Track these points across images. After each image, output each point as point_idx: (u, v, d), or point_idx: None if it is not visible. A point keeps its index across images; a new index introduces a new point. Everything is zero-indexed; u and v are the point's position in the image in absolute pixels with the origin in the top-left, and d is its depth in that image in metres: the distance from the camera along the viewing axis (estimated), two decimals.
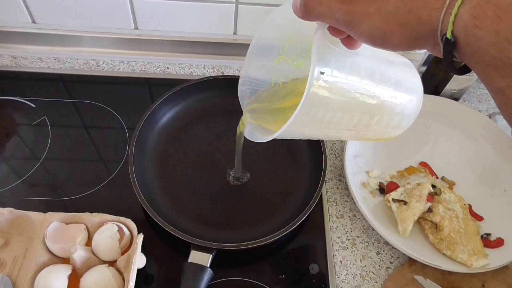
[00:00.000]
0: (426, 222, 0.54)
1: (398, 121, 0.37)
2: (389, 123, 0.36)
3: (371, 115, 0.34)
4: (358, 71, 0.32)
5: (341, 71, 0.30)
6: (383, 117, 0.35)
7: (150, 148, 0.60)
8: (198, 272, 0.46)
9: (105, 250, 0.47)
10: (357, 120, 0.34)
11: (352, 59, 0.31)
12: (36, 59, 0.72)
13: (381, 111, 0.34)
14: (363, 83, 0.32)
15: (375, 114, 0.34)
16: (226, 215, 0.55)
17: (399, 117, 0.36)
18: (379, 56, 0.34)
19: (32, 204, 0.55)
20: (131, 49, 0.74)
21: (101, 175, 0.58)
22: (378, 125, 0.36)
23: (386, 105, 0.34)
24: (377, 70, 0.33)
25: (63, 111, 0.65)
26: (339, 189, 0.60)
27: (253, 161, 0.60)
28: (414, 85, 0.36)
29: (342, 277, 0.52)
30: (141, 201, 0.50)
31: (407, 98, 0.36)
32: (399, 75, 0.35)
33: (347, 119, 0.33)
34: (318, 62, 0.28)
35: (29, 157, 0.60)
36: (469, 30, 0.24)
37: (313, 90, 0.29)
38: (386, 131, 0.37)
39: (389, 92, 0.34)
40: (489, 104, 0.74)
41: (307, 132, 0.34)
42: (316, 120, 0.32)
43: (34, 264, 0.46)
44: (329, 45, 0.30)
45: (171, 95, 0.62)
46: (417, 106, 0.37)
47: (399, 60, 0.36)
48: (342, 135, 0.37)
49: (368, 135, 0.38)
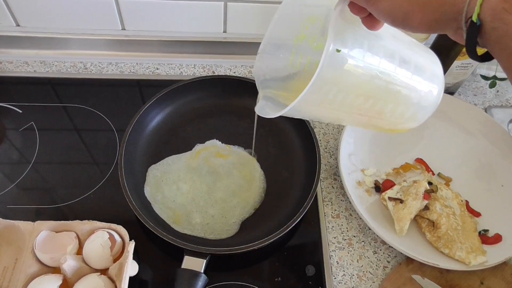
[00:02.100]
0: (423, 220, 0.53)
1: (413, 112, 0.35)
2: (404, 113, 0.34)
3: (385, 102, 0.33)
4: (377, 53, 0.30)
5: (358, 51, 0.29)
6: (398, 106, 0.33)
7: (141, 152, 0.59)
8: (192, 278, 0.45)
9: (96, 258, 0.46)
10: (370, 105, 0.32)
11: (371, 40, 0.30)
12: (21, 63, 0.70)
13: (396, 98, 0.33)
14: (381, 67, 0.30)
15: (389, 102, 0.33)
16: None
17: (415, 108, 0.34)
18: (401, 41, 0.33)
19: (21, 212, 0.54)
20: (119, 51, 0.72)
21: (91, 181, 0.57)
22: (391, 114, 0.34)
23: (403, 93, 0.33)
24: (397, 54, 0.31)
25: (50, 116, 0.64)
26: (334, 188, 0.59)
27: None
28: (435, 76, 0.34)
29: (339, 278, 0.51)
30: (132, 207, 0.49)
31: (426, 89, 0.34)
32: (420, 62, 0.33)
33: (359, 103, 0.32)
34: (335, 39, 0.27)
35: (17, 165, 0.58)
36: (497, 14, 0.23)
37: (327, 67, 0.27)
38: (400, 121, 0.36)
39: (407, 80, 0.32)
40: (485, 98, 0.73)
41: (316, 112, 0.33)
42: (328, 99, 0.30)
43: (24, 275, 0.45)
44: (348, 24, 0.29)
45: (161, 97, 0.60)
46: (436, 99, 0.35)
47: (421, 46, 0.35)
48: (353, 120, 0.35)
49: (380, 124, 0.36)
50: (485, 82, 0.73)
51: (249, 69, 0.74)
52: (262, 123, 0.63)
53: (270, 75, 0.41)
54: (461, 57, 0.62)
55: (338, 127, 0.66)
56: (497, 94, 0.74)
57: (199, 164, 0.58)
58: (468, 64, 0.64)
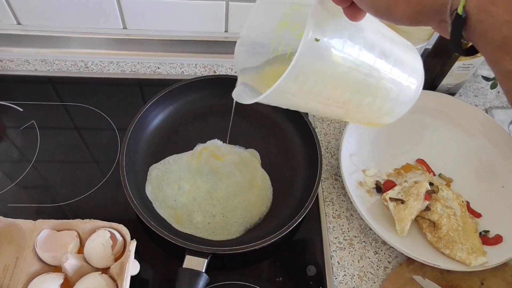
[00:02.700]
0: (424, 221, 0.53)
1: (391, 107, 0.35)
2: (381, 107, 0.34)
3: (363, 95, 0.32)
4: (357, 44, 0.30)
5: (338, 41, 0.28)
6: (375, 99, 0.33)
7: (142, 151, 0.59)
8: (193, 278, 0.45)
9: (97, 258, 0.46)
10: (348, 98, 0.32)
11: (352, 32, 0.29)
12: (22, 62, 0.70)
13: (374, 92, 0.32)
14: (360, 58, 0.30)
15: (367, 95, 0.32)
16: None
17: (392, 103, 0.34)
18: (383, 34, 0.32)
19: (22, 211, 0.54)
20: (120, 50, 0.72)
21: (93, 180, 0.57)
22: (369, 108, 0.34)
23: (381, 87, 0.32)
24: (377, 47, 0.31)
25: (51, 115, 0.64)
26: (335, 189, 0.59)
27: None
28: (415, 71, 0.34)
29: (340, 278, 0.51)
30: (134, 206, 0.49)
31: (405, 84, 0.34)
32: (401, 56, 0.33)
33: (337, 95, 0.31)
34: (314, 27, 0.27)
35: (18, 163, 0.58)
36: (483, 6, 0.22)
37: (304, 55, 0.27)
38: (377, 116, 0.35)
39: (386, 73, 0.32)
40: (486, 99, 0.73)
41: (293, 101, 0.32)
42: (304, 89, 0.30)
43: (25, 273, 0.45)
44: (329, 13, 0.28)
45: (162, 96, 0.60)
46: (415, 94, 0.35)
47: (403, 42, 0.34)
48: (331, 112, 0.35)
49: (357, 117, 0.36)
50: (486, 83, 0.73)
51: None
52: (262, 123, 0.63)
53: (250, 62, 0.41)
54: (462, 58, 0.63)
55: (340, 127, 0.66)
56: (498, 95, 0.74)
57: (200, 164, 0.58)
58: (470, 65, 0.64)
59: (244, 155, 0.60)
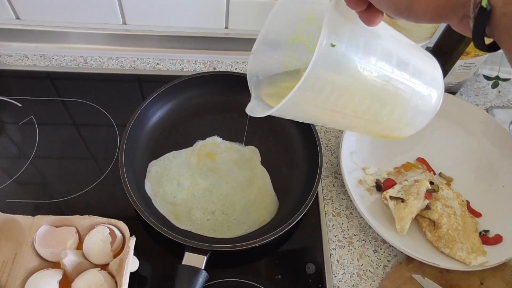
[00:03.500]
0: (424, 220, 0.53)
1: (411, 117, 0.34)
2: (401, 117, 0.33)
3: (382, 104, 0.31)
4: (374, 51, 0.29)
5: (354, 48, 0.28)
6: (395, 108, 0.32)
7: (141, 147, 0.58)
8: (193, 275, 0.45)
9: (96, 254, 0.46)
10: (366, 107, 0.31)
11: (368, 38, 0.29)
12: (21, 57, 0.70)
13: (394, 101, 0.31)
14: (378, 66, 0.29)
15: (386, 103, 0.31)
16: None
17: (413, 112, 0.33)
18: (400, 41, 0.31)
19: (20, 206, 0.53)
20: (119, 45, 0.71)
21: (92, 176, 0.57)
22: (389, 117, 0.33)
23: (400, 95, 0.31)
24: (395, 54, 0.30)
25: (50, 110, 0.63)
26: (335, 187, 0.59)
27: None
28: (435, 80, 0.33)
29: (339, 277, 0.51)
30: (133, 203, 0.49)
31: (425, 92, 0.33)
32: (419, 65, 0.32)
33: (355, 103, 0.30)
34: (329, 33, 0.26)
35: (17, 159, 0.58)
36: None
37: (320, 62, 0.26)
38: (397, 126, 0.34)
39: (406, 82, 0.31)
40: (486, 98, 0.73)
41: (309, 112, 0.31)
42: (321, 98, 0.29)
43: (23, 269, 0.45)
44: (344, 18, 0.28)
45: (162, 92, 0.60)
46: (436, 104, 0.34)
47: (421, 51, 0.34)
48: (348, 123, 0.34)
49: (377, 128, 0.35)
50: (487, 82, 0.73)
51: None
52: (262, 121, 0.62)
53: (263, 76, 0.40)
54: (464, 56, 0.62)
55: None
56: (498, 94, 0.74)
57: (199, 161, 0.58)
58: (471, 64, 0.64)
59: (244, 152, 0.59)
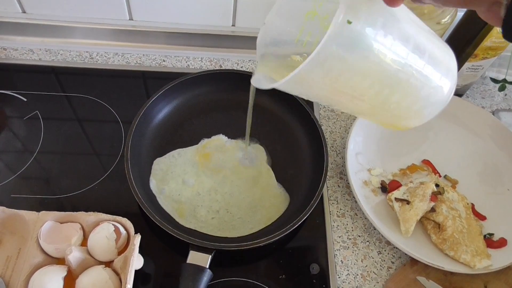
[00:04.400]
0: (428, 222, 0.53)
1: (420, 107, 0.32)
2: (410, 106, 0.32)
3: (392, 91, 0.30)
4: (391, 33, 0.27)
5: (371, 28, 0.26)
6: (405, 97, 0.31)
7: (147, 144, 0.58)
8: (197, 274, 0.45)
9: (101, 251, 0.46)
10: (376, 92, 0.29)
11: (387, 18, 0.27)
12: (27, 51, 0.69)
13: (404, 88, 0.30)
14: (393, 49, 0.27)
15: (397, 90, 0.30)
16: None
17: (422, 103, 0.32)
18: (419, 27, 0.30)
19: (25, 201, 0.53)
20: (126, 41, 0.71)
21: (97, 172, 0.57)
22: (397, 105, 0.31)
23: (412, 83, 0.30)
24: (412, 39, 0.28)
25: (55, 105, 0.63)
26: (340, 187, 0.59)
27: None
28: (450, 71, 0.32)
29: (343, 277, 0.51)
30: (138, 200, 0.49)
31: (438, 83, 0.31)
32: (436, 53, 0.30)
33: (364, 86, 0.29)
34: (347, 8, 0.24)
35: (21, 154, 0.58)
36: None
37: (334, 38, 0.25)
38: (404, 116, 0.33)
39: (420, 69, 0.29)
40: (493, 101, 0.73)
41: (316, 90, 0.30)
42: (330, 76, 0.27)
43: (28, 264, 0.45)
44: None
45: (168, 90, 0.60)
46: (447, 96, 0.32)
47: (439, 39, 0.32)
48: (355, 106, 0.32)
49: (384, 115, 0.33)
50: (494, 85, 0.73)
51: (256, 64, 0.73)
52: (268, 119, 0.63)
53: (272, 49, 0.38)
54: (472, 59, 0.62)
55: (346, 126, 0.66)
56: (505, 97, 0.74)
57: (204, 159, 0.58)
58: (479, 67, 0.64)
59: (249, 151, 0.59)
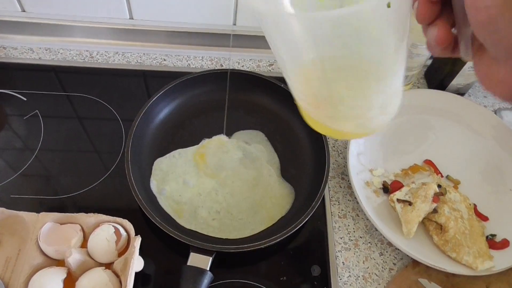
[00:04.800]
0: (430, 223, 0.52)
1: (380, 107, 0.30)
2: (378, 97, 0.29)
3: (379, 76, 0.28)
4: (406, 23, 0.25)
5: (399, 15, 0.24)
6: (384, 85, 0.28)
7: (147, 145, 0.58)
8: (198, 276, 0.45)
9: (101, 252, 0.46)
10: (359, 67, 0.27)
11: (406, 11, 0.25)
12: (26, 50, 0.69)
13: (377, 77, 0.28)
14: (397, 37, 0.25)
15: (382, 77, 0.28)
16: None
17: (378, 110, 0.30)
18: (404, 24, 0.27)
19: (24, 202, 0.53)
20: (126, 40, 0.71)
21: (97, 172, 0.56)
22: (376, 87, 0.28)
23: (384, 76, 0.28)
24: (406, 40, 0.27)
25: (55, 105, 0.63)
26: (341, 188, 0.58)
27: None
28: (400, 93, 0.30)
29: (345, 279, 0.51)
30: (138, 201, 0.48)
31: (396, 92, 0.29)
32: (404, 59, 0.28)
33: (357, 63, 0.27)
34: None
35: (21, 154, 0.57)
36: None
37: (373, 10, 0.23)
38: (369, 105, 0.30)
39: (394, 67, 0.28)
40: (495, 100, 0.72)
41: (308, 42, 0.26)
42: (338, 39, 0.25)
43: (27, 266, 0.44)
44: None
45: (169, 89, 0.59)
46: (394, 112, 0.30)
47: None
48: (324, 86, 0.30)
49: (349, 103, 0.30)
50: None
51: (257, 63, 0.73)
52: (269, 119, 0.62)
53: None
54: None
55: None
56: None
57: (205, 159, 0.57)
58: None
59: (250, 151, 0.59)
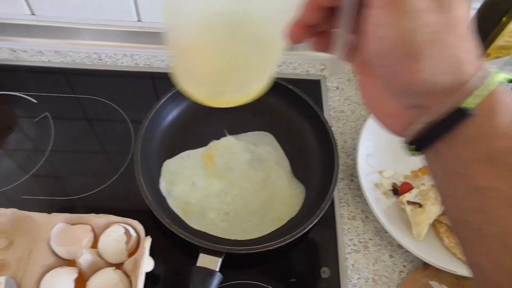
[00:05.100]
0: (441, 225, 0.52)
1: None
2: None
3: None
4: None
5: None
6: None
7: (156, 146, 0.58)
8: (207, 277, 0.45)
9: (111, 253, 0.46)
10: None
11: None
12: (36, 52, 0.70)
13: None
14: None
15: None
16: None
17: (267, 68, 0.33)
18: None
19: (35, 203, 0.54)
20: (134, 42, 0.71)
21: (106, 174, 0.57)
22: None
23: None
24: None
25: (65, 107, 0.63)
26: (351, 190, 0.58)
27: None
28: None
29: (354, 281, 0.50)
30: (148, 203, 0.49)
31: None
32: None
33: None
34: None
35: (32, 156, 0.58)
36: (491, 109, 0.21)
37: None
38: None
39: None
40: None
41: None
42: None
43: (39, 266, 0.45)
44: None
45: (177, 91, 0.59)
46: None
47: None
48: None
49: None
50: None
51: None
52: (277, 120, 0.62)
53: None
54: (484, 58, 0.61)
55: (356, 126, 0.65)
56: None
57: (214, 161, 0.57)
58: (492, 66, 0.63)
59: (258, 153, 0.59)
